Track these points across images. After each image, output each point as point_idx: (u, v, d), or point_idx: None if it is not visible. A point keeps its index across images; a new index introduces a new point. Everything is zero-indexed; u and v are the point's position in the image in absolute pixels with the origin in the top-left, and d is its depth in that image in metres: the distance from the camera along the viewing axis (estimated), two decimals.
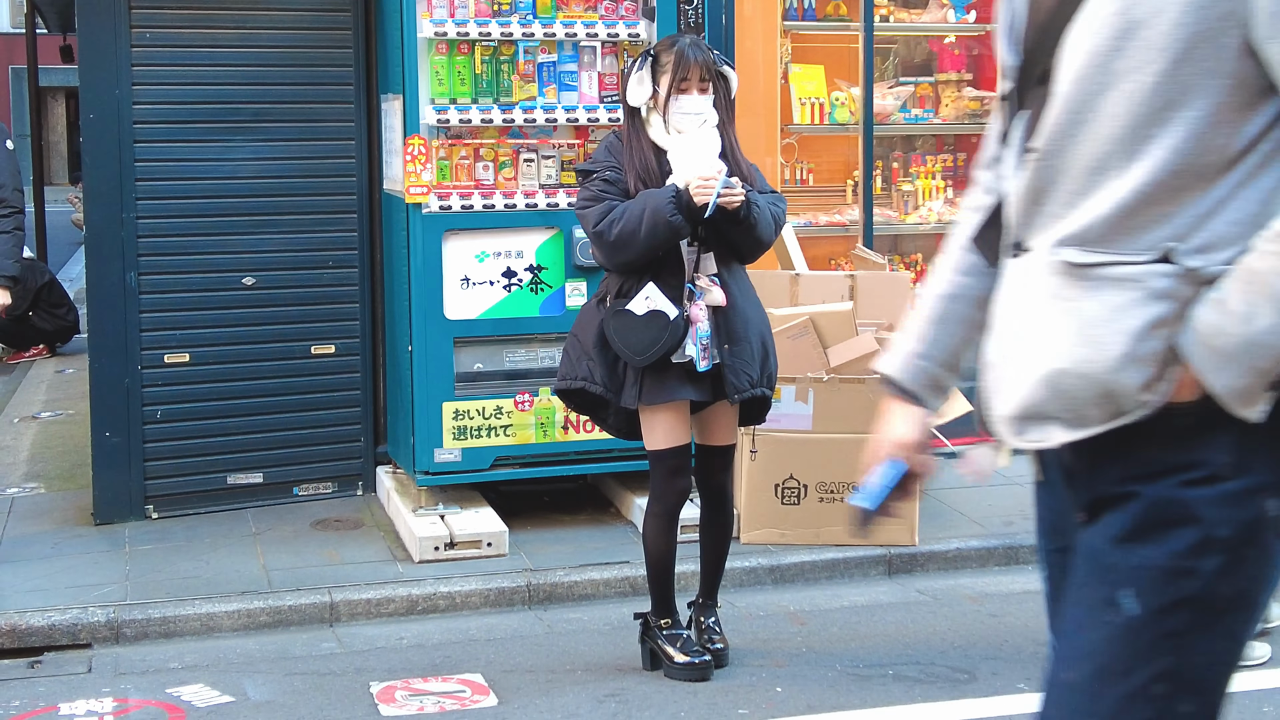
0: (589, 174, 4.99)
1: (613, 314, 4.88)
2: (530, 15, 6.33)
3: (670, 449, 4.97)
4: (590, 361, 4.96)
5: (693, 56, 4.88)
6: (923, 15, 7.98)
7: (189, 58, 6.64)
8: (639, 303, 4.84)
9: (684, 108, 4.90)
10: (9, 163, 6.00)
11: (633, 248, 4.81)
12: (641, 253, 4.82)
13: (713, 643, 5.21)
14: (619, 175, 4.93)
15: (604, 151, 5.03)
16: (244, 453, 6.81)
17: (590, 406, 5.14)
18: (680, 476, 5.02)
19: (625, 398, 4.94)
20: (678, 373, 4.89)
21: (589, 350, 4.97)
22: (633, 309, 4.84)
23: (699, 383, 4.92)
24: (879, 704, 4.89)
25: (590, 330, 4.98)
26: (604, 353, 4.94)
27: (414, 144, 6.23)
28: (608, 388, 4.95)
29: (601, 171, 4.94)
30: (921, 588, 6.12)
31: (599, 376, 4.96)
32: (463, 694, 5.01)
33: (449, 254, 6.31)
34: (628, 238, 4.79)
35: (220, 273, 6.73)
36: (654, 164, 4.92)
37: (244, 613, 5.63)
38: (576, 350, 5.03)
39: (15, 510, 6.83)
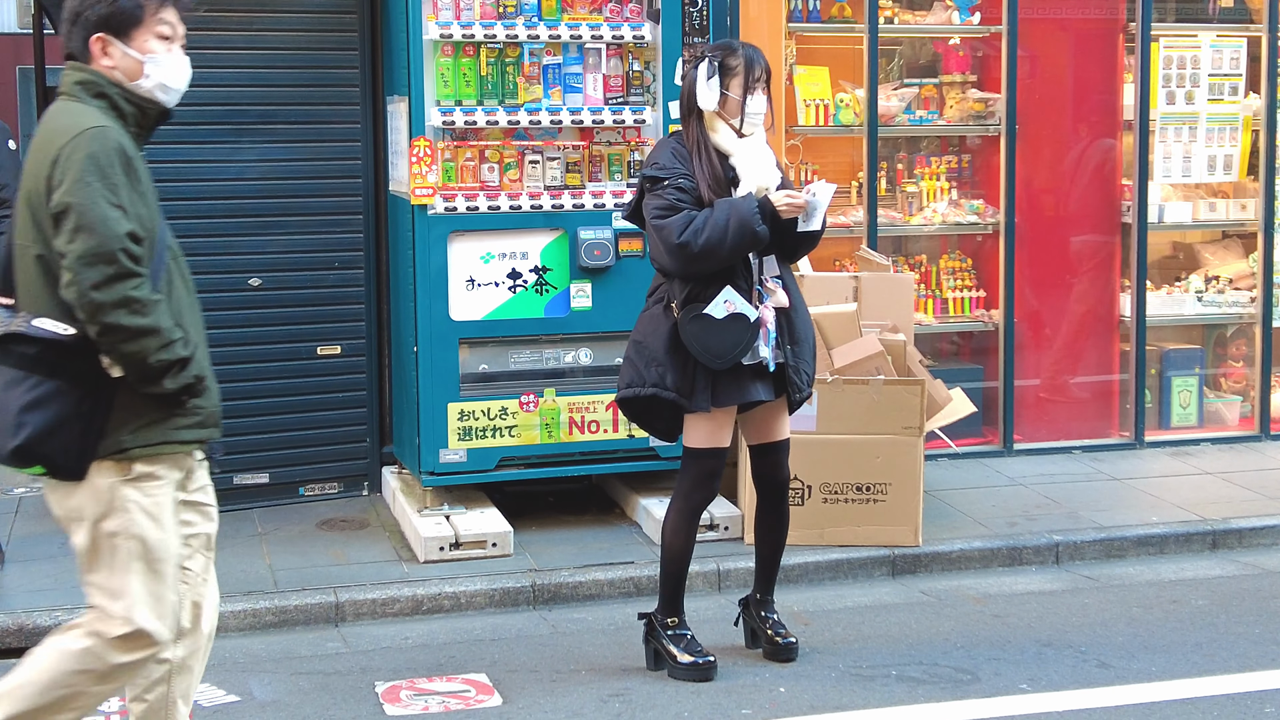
0: (657, 180, 4.96)
1: (690, 319, 4.89)
2: (535, 17, 6.35)
3: (711, 449, 5.03)
4: (660, 367, 4.96)
5: (759, 59, 5.00)
6: (927, 17, 7.98)
7: (195, 60, 6.50)
8: (718, 307, 4.87)
9: (755, 108, 4.98)
10: (11, 162, 6.02)
11: (716, 258, 4.84)
12: (725, 262, 4.87)
13: (784, 636, 5.24)
14: (691, 183, 4.93)
15: (669, 157, 5.00)
16: (250, 453, 6.84)
17: (644, 413, 5.14)
18: (715, 479, 5.08)
19: (697, 401, 4.95)
20: (748, 374, 4.96)
21: (659, 356, 4.96)
22: (712, 313, 4.87)
23: (766, 382, 5.00)
24: (882, 704, 4.91)
25: (659, 336, 4.97)
26: (676, 357, 4.94)
27: (419, 146, 6.25)
28: (680, 392, 4.95)
29: (673, 179, 4.93)
30: (925, 588, 6.13)
31: (670, 381, 4.95)
32: (467, 694, 5.03)
33: (454, 255, 6.33)
34: (713, 248, 4.81)
35: (227, 273, 6.75)
36: (720, 171, 4.97)
37: (250, 612, 5.66)
38: (643, 357, 5.02)
39: (23, 510, 6.86)
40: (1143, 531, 6.64)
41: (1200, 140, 8.11)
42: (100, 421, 3.47)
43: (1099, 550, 6.52)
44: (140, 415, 3.52)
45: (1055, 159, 8.13)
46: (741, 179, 4.95)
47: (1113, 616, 5.78)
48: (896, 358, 6.32)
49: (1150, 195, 8.02)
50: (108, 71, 3.61)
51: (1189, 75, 8.07)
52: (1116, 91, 8.10)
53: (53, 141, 3.46)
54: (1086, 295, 8.18)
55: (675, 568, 5.15)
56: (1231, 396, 8.38)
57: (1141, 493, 7.23)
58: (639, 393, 5.02)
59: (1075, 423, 8.11)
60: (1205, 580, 6.27)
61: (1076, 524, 6.69)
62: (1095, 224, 8.19)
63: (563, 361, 6.51)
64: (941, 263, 8.07)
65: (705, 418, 4.99)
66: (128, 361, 3.44)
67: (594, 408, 6.47)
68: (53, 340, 3.43)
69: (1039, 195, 8.08)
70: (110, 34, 3.60)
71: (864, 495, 6.22)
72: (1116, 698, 4.92)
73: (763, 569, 5.33)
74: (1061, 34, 8.11)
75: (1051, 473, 7.56)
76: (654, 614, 5.21)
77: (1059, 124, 8.11)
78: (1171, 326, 8.34)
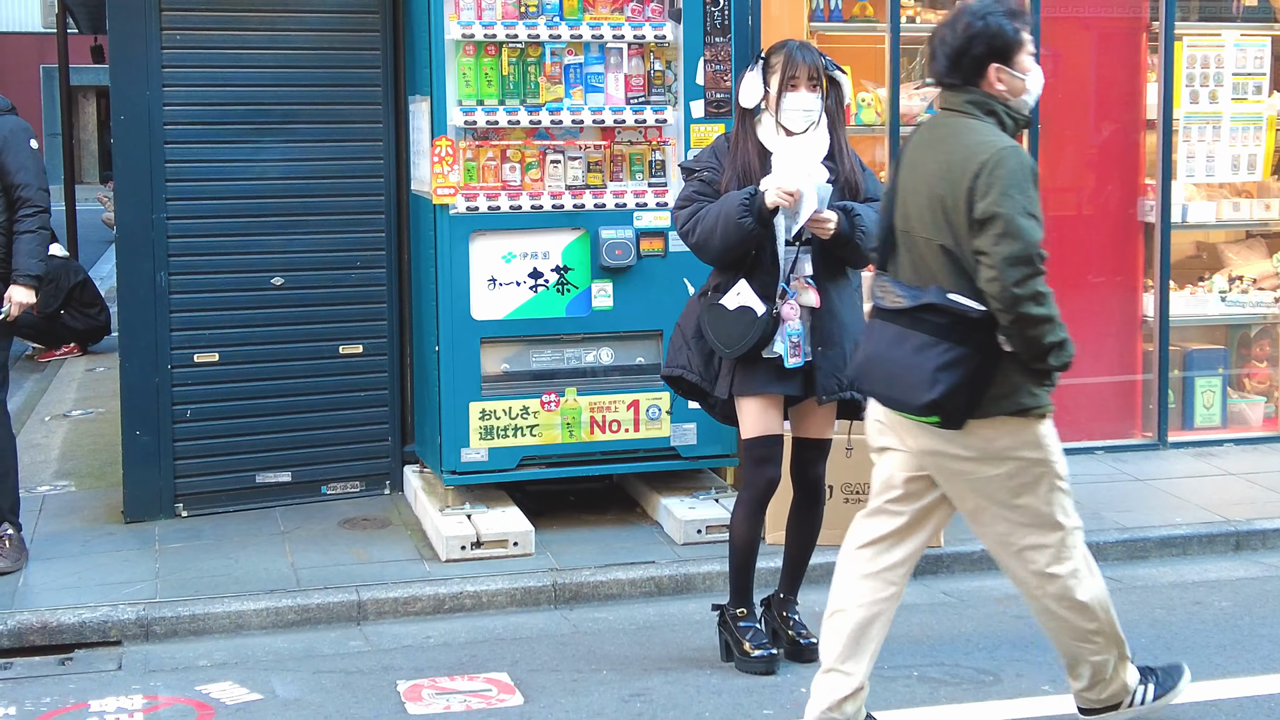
0: (690, 172, 5.19)
1: (708, 307, 5.06)
2: (557, 17, 6.36)
3: (758, 438, 5.09)
4: (689, 351, 5.15)
5: (801, 57, 5.05)
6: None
7: (219, 59, 6.68)
8: (731, 298, 5.00)
9: (792, 104, 5.02)
10: (34, 162, 6.04)
11: (711, 248, 5.02)
12: (718, 252, 5.01)
13: (805, 636, 5.25)
14: (715, 176, 5.09)
15: (709, 152, 5.23)
16: (272, 452, 6.86)
17: (696, 392, 5.28)
18: (768, 465, 5.11)
19: (718, 387, 5.10)
20: (767, 367, 5.03)
21: (689, 340, 5.15)
22: (725, 303, 5.01)
23: (788, 378, 5.06)
24: (904, 705, 4.90)
25: (690, 321, 5.18)
26: (700, 343, 5.12)
27: (441, 145, 6.26)
28: (703, 377, 5.13)
29: (700, 171, 5.14)
30: (947, 589, 6.12)
31: (695, 366, 5.14)
32: (489, 693, 5.03)
33: (476, 255, 6.34)
34: (705, 238, 5.01)
35: (249, 273, 6.77)
36: (756, 165, 5.05)
37: (272, 611, 5.68)
38: (679, 340, 5.21)
39: (46, 508, 6.90)
40: (1165, 533, 6.62)
41: (1224, 140, 8.08)
42: (985, 385, 4.10)
43: (1121, 551, 6.50)
44: (1019, 382, 4.15)
45: (1078, 158, 8.10)
46: (773, 173, 4.98)
47: (1135, 618, 5.75)
48: None
49: (1174, 195, 7.99)
50: (998, 93, 4.20)
51: (1213, 74, 8.03)
52: (1140, 91, 8.07)
53: (972, 155, 4.04)
54: (1109, 295, 8.14)
55: (741, 559, 5.20)
56: (1255, 397, 8.34)
57: (1164, 494, 7.21)
58: (671, 372, 5.23)
59: (1098, 423, 8.08)
60: (1228, 582, 6.25)
61: (1099, 525, 6.66)
62: (1118, 223, 8.15)
63: (584, 361, 6.52)
64: None
65: (746, 408, 5.07)
66: (1026, 342, 4.06)
67: (615, 407, 6.48)
68: (963, 314, 4.05)
69: (1061, 194, 8.05)
70: (1001, 61, 4.20)
71: None
72: None
73: (789, 568, 5.35)
74: (1084, 33, 8.08)
75: (1074, 473, 7.40)
76: (725, 605, 5.25)
77: (1081, 123, 8.08)
78: (1195, 326, 8.30)
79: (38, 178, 6.03)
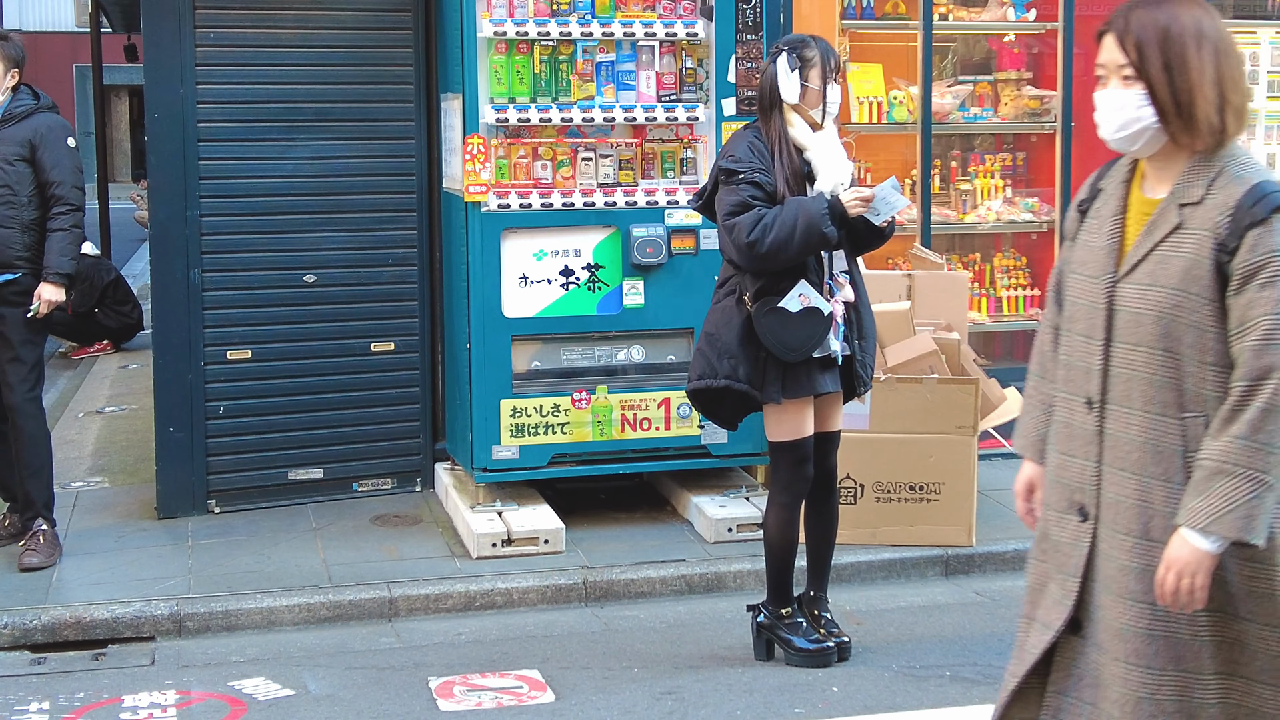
0: (732, 174, 4.99)
1: (765, 312, 4.94)
2: (589, 15, 6.36)
3: (800, 440, 5.08)
4: (733, 359, 5.01)
5: (827, 50, 5.03)
6: (982, 14, 7.93)
7: (252, 57, 6.71)
8: (793, 300, 4.92)
9: (834, 97, 5.02)
10: (70, 160, 6.07)
11: (784, 257, 4.88)
12: (793, 261, 4.91)
13: (837, 635, 5.25)
14: (767, 179, 4.96)
15: (746, 150, 5.02)
16: (305, 448, 6.88)
17: (712, 403, 5.19)
18: (808, 464, 5.12)
19: (769, 393, 5.01)
20: (817, 366, 5.01)
21: (732, 348, 5.02)
22: (787, 306, 4.92)
23: (832, 374, 5.06)
24: (936, 705, 4.88)
25: (732, 329, 5.02)
26: (748, 349, 5.00)
27: (473, 143, 6.27)
28: (752, 384, 5.01)
29: (749, 174, 4.95)
30: (979, 589, 6.10)
31: (743, 374, 5.00)
32: (520, 690, 5.04)
33: (507, 252, 6.35)
34: (780, 247, 4.85)
35: (282, 270, 6.80)
36: (800, 166, 5.00)
37: (304, 607, 5.69)
38: (715, 349, 5.07)
39: (80, 504, 6.93)
40: None
41: (1259, 138, 8.03)
42: None
43: None
44: None
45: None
46: (818, 174, 4.97)
47: None
48: (950, 356, 6.29)
49: None
50: None
51: (1248, 72, 7.98)
52: None
53: None
54: None
55: (783, 560, 5.20)
56: None
57: None
58: (711, 384, 5.07)
59: None
60: None
61: None
62: None
63: (615, 359, 6.52)
64: (996, 261, 8.02)
65: (787, 411, 5.04)
66: None
67: (646, 405, 6.47)
68: None
69: None
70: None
71: (917, 495, 6.19)
72: None
73: (812, 565, 5.33)
74: None
75: None
76: (763, 605, 5.25)
77: None
78: None
79: (73, 176, 6.06)
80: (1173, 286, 2.95)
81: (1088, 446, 3.08)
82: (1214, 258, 2.92)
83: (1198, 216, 2.97)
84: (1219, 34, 3.00)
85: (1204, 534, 2.85)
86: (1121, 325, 3.02)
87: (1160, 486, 2.97)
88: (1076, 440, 3.11)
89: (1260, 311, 2.88)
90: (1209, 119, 2.98)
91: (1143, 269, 3.01)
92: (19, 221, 5.99)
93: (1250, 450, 2.84)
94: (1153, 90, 3.00)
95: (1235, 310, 2.91)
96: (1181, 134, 3.00)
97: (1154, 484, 2.98)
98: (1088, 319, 3.09)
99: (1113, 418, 3.03)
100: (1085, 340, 3.09)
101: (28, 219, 6.01)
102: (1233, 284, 2.90)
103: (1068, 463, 3.13)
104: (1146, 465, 2.98)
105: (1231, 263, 2.91)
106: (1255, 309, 2.88)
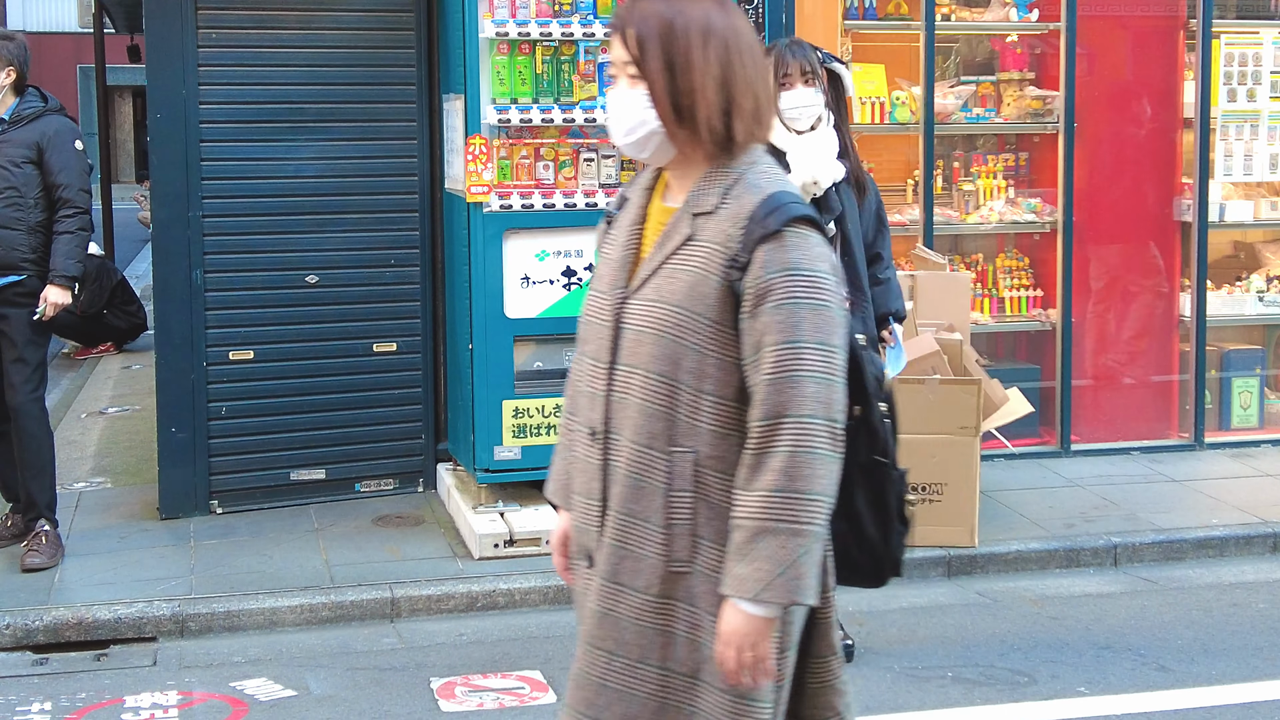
0: None
1: None
2: (591, 15, 6.36)
3: None
4: None
5: (790, 54, 4.97)
6: (984, 14, 7.93)
7: (254, 58, 6.71)
8: None
9: (787, 103, 4.96)
10: (77, 162, 6.07)
11: None
12: None
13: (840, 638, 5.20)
14: None
15: None
16: (307, 449, 6.88)
17: None
18: None
19: None
20: None
21: None
22: None
23: None
24: (938, 706, 4.88)
25: None
26: None
27: (475, 143, 6.27)
28: None
29: None
30: (981, 589, 6.09)
31: None
32: (522, 690, 5.04)
33: (509, 253, 6.35)
34: None
35: (284, 270, 6.80)
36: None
37: (306, 608, 5.69)
38: None
39: (82, 504, 6.94)
40: (1202, 534, 6.57)
41: (1262, 138, 8.01)
42: None
43: (1157, 552, 6.46)
44: None
45: (1114, 157, 8.06)
46: (793, 173, 4.95)
47: (1172, 619, 5.72)
48: (953, 357, 6.28)
49: (1211, 194, 7.94)
50: None
51: (1250, 73, 7.98)
52: (1176, 89, 8.02)
53: None
54: (1145, 295, 8.09)
55: None
56: None
57: (1201, 494, 7.16)
58: None
59: (1133, 423, 8.04)
60: (1266, 583, 6.20)
61: (1135, 526, 6.63)
62: (1154, 223, 8.10)
63: None
64: (998, 261, 8.01)
65: None
66: None
67: None
68: None
69: (1097, 193, 8.00)
70: None
71: (920, 495, 6.18)
72: (1176, 701, 4.88)
73: None
74: (1121, 31, 8.04)
75: (1109, 474, 7.50)
76: None
77: (1118, 122, 8.03)
78: (1232, 327, 8.24)
79: (79, 178, 6.07)
80: (675, 304, 2.60)
81: (591, 483, 2.72)
82: (723, 274, 2.58)
83: (710, 228, 2.62)
84: (732, 30, 2.65)
85: (756, 603, 2.53)
86: (625, 345, 2.66)
87: (637, 527, 2.64)
88: (583, 477, 2.74)
89: (774, 339, 2.53)
90: (711, 124, 2.63)
91: (652, 284, 2.65)
92: (25, 223, 6.00)
93: (788, 502, 2.50)
94: (652, 90, 2.65)
95: (749, 335, 2.57)
96: (686, 141, 2.67)
97: (633, 524, 2.64)
98: (598, 339, 2.72)
99: (614, 450, 2.68)
100: (593, 364, 2.73)
101: (34, 221, 6.01)
102: (745, 304, 2.57)
103: (578, 503, 2.77)
104: (628, 502, 2.64)
105: (743, 280, 2.57)
106: (769, 335, 2.54)
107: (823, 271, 2.58)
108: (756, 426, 2.54)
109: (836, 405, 2.55)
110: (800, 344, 2.53)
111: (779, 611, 2.57)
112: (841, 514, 2.75)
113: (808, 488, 2.51)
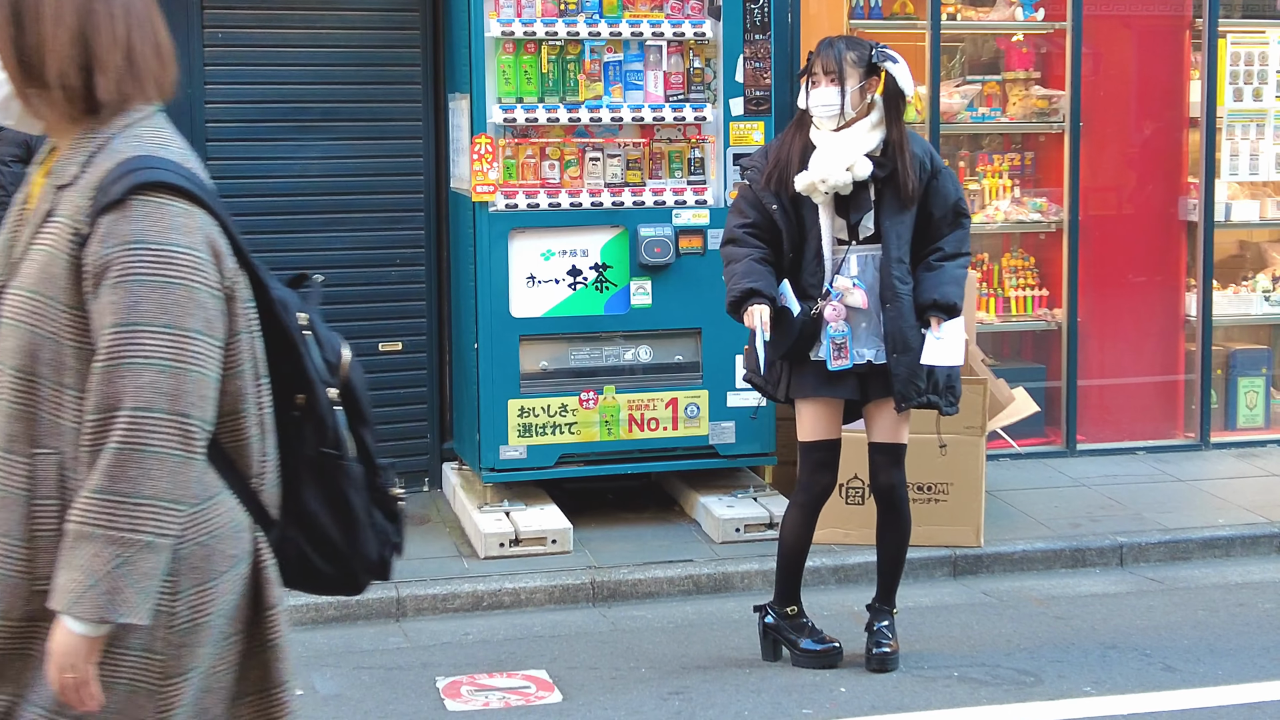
0: (742, 170, 5.24)
1: None
2: (596, 14, 6.35)
3: (815, 442, 5.08)
4: (754, 355, 5.08)
5: (820, 51, 5.00)
6: (990, 13, 7.92)
7: (260, 57, 6.71)
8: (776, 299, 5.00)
9: (813, 100, 4.97)
10: None
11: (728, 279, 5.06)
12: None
13: (879, 646, 5.18)
14: (756, 175, 5.08)
15: (761, 149, 5.28)
16: None
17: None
18: (824, 471, 5.11)
19: (779, 390, 5.08)
20: (818, 369, 4.99)
21: (751, 344, 5.13)
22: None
23: (840, 382, 4.99)
24: (943, 706, 4.88)
25: None
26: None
27: (481, 143, 6.27)
28: (766, 379, 5.08)
29: (748, 170, 5.14)
30: (987, 589, 6.09)
31: (753, 365, 5.09)
32: (528, 690, 5.04)
33: (515, 252, 6.35)
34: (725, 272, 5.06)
35: (289, 270, 6.74)
36: (795, 161, 4.99)
37: (312, 606, 5.69)
38: (750, 344, 5.17)
39: None
40: (1208, 534, 6.56)
41: (1268, 138, 8.00)
42: None
43: (1163, 552, 6.45)
44: None
45: (1120, 156, 8.05)
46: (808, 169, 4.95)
47: (1178, 619, 5.71)
48: None
49: (1217, 193, 7.93)
50: None
51: (1257, 72, 7.97)
52: (1183, 88, 8.01)
53: None
54: (1151, 294, 8.09)
55: (793, 560, 5.18)
56: None
57: (1207, 494, 7.15)
58: (746, 377, 5.27)
59: (1139, 423, 8.03)
60: (1272, 583, 6.19)
61: (1141, 525, 6.62)
62: (1160, 222, 8.10)
63: (622, 359, 6.51)
64: (1004, 261, 8.01)
65: (804, 410, 5.08)
66: None
67: (654, 405, 6.47)
68: None
69: (1103, 193, 8.00)
70: None
71: (925, 495, 6.18)
72: (1182, 701, 4.87)
73: (878, 578, 5.32)
74: (1126, 30, 8.03)
75: (1115, 474, 7.49)
76: (770, 606, 5.24)
77: (1124, 121, 8.03)
78: (1238, 326, 8.23)
79: None
80: (29, 288, 2.34)
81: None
82: (69, 251, 2.31)
83: (67, 201, 2.35)
84: None
85: (70, 618, 2.24)
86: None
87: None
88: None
89: (109, 321, 2.27)
90: (66, 82, 2.36)
91: (22, 267, 2.37)
92: None
93: (110, 506, 2.23)
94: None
95: (94, 319, 2.30)
96: (43, 102, 2.39)
97: None
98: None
99: None
100: None
101: None
102: (87, 284, 2.31)
103: None
104: None
105: (84, 256, 2.31)
106: (105, 318, 2.27)
107: (177, 246, 2.32)
108: (89, 421, 2.29)
109: (188, 397, 2.29)
110: (138, 326, 2.27)
111: (96, 629, 2.26)
112: (291, 518, 2.53)
113: (134, 490, 2.24)
